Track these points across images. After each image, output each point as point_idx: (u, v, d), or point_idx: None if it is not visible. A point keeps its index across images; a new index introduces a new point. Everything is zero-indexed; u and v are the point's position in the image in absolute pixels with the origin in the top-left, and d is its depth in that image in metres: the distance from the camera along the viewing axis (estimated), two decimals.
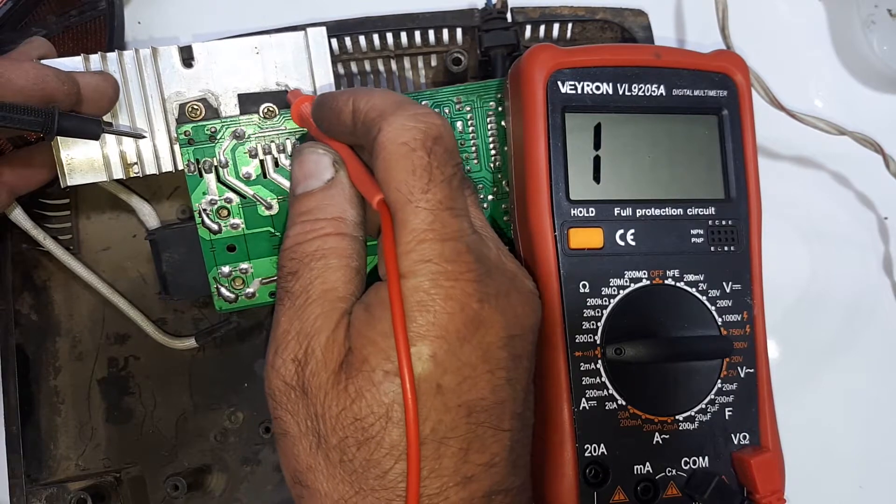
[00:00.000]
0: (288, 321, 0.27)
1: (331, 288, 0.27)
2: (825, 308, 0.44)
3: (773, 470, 0.32)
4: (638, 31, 0.40)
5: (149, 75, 0.33)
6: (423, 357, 0.25)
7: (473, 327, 0.26)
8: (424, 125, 0.27)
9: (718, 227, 0.34)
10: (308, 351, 0.27)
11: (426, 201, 0.26)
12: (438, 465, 0.25)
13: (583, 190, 0.33)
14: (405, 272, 0.26)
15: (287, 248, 0.28)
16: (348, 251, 0.28)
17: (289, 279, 0.28)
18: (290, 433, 0.27)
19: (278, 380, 0.27)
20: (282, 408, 0.27)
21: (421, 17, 0.39)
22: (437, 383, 0.25)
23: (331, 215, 0.28)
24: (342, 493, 0.26)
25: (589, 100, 0.33)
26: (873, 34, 0.43)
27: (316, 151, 0.29)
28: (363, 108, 0.28)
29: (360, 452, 0.25)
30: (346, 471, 0.26)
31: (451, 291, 0.26)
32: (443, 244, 0.26)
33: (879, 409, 0.43)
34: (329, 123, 0.30)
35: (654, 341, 0.32)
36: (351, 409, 0.25)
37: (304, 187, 0.29)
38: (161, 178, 0.36)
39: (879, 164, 0.40)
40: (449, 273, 0.26)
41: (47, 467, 0.39)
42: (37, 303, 0.39)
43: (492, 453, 0.27)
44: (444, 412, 0.26)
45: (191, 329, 0.39)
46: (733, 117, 0.34)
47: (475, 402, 0.26)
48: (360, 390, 0.25)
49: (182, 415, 0.39)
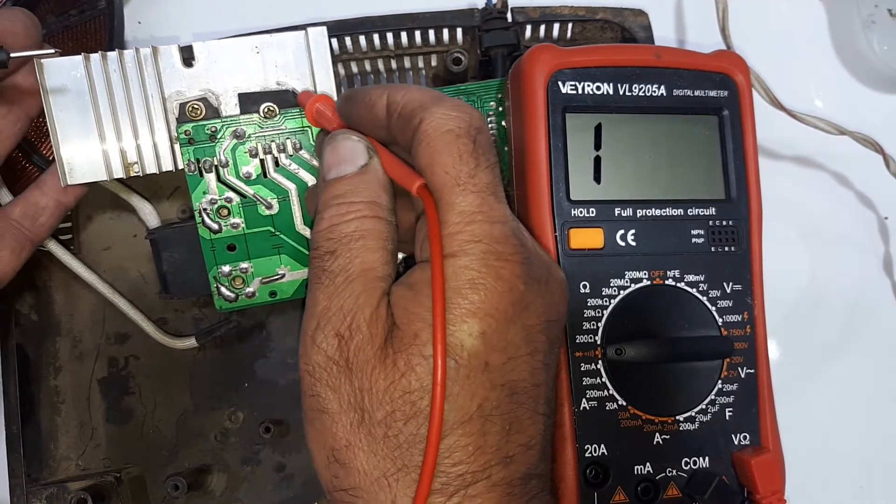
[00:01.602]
0: (327, 298, 0.27)
1: (370, 268, 0.28)
2: (825, 308, 0.44)
3: (774, 470, 0.32)
4: (638, 31, 0.40)
5: (149, 74, 0.33)
6: (473, 334, 0.26)
7: (520, 308, 0.26)
8: (468, 115, 0.27)
9: (719, 227, 0.34)
10: (353, 326, 0.27)
11: (473, 185, 0.27)
12: (484, 442, 0.26)
13: (583, 190, 0.33)
14: (455, 252, 0.26)
15: (323, 228, 0.29)
16: (385, 233, 0.28)
17: (326, 258, 0.28)
18: (329, 410, 0.27)
19: (319, 355, 0.27)
20: (322, 383, 0.27)
21: (421, 17, 0.39)
22: (486, 361, 0.26)
23: (367, 198, 0.29)
24: (383, 470, 0.26)
25: (589, 100, 0.33)
26: (873, 34, 0.43)
27: (350, 138, 0.30)
28: (400, 100, 0.28)
29: (406, 427, 0.26)
30: (389, 446, 0.26)
31: (500, 272, 0.26)
32: (491, 225, 0.26)
33: (879, 409, 0.43)
34: (360, 117, 0.30)
35: (655, 342, 0.32)
36: (400, 382, 0.26)
37: (338, 172, 0.29)
38: (161, 178, 0.36)
39: (879, 164, 0.40)
40: (499, 253, 0.26)
41: (47, 467, 0.39)
42: (37, 303, 0.39)
43: (529, 435, 0.27)
44: (490, 389, 0.26)
45: (191, 329, 0.39)
46: (734, 117, 0.34)
47: (517, 383, 0.27)
48: (411, 364, 0.26)
49: (182, 415, 0.39)
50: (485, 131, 0.28)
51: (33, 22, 0.33)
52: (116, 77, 0.33)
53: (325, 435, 0.27)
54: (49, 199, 0.35)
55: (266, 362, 0.40)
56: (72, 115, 0.33)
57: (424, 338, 0.26)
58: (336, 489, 0.27)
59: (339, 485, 0.27)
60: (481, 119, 0.28)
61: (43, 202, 0.35)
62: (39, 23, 0.33)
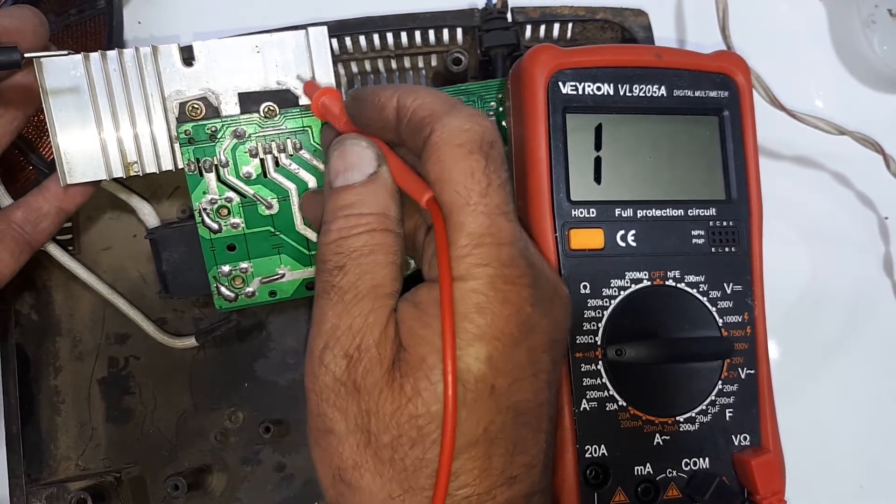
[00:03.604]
0: (336, 316, 0.27)
1: (380, 284, 0.27)
2: (825, 308, 0.44)
3: (774, 471, 0.32)
4: (638, 31, 0.40)
5: (149, 74, 0.33)
6: (480, 358, 0.25)
7: (526, 331, 0.26)
8: (481, 128, 0.27)
9: (719, 227, 0.34)
10: (362, 347, 0.26)
11: (485, 205, 0.26)
12: (489, 465, 0.26)
13: (584, 191, 0.33)
14: (463, 275, 0.26)
15: (331, 241, 0.28)
16: (394, 247, 0.28)
17: (335, 273, 0.27)
18: (336, 430, 0.26)
19: (327, 376, 0.27)
20: (328, 404, 0.27)
21: (421, 17, 0.39)
22: (492, 384, 0.26)
23: (376, 210, 0.28)
24: (390, 491, 0.26)
25: (590, 100, 0.33)
26: (873, 34, 0.43)
27: (359, 144, 0.29)
28: (411, 105, 0.28)
29: (413, 451, 0.25)
30: (395, 469, 0.26)
31: (508, 295, 0.26)
32: (500, 248, 0.26)
33: (879, 409, 0.43)
34: (368, 119, 0.29)
35: (655, 342, 0.32)
36: (407, 407, 0.25)
37: (345, 180, 0.28)
38: (161, 178, 0.36)
39: (879, 164, 0.40)
40: (507, 277, 0.26)
41: (47, 467, 0.39)
42: (37, 303, 0.39)
43: (532, 454, 0.27)
44: (496, 413, 0.26)
45: (191, 328, 0.39)
46: (734, 118, 0.34)
47: (521, 404, 0.26)
48: (418, 389, 0.25)
49: (182, 415, 0.39)
50: (498, 145, 0.27)
51: (41, 20, 0.33)
52: (116, 76, 0.33)
53: (331, 454, 0.27)
54: (51, 206, 0.35)
55: (266, 362, 0.40)
56: (71, 114, 0.33)
57: (431, 362, 0.25)
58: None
59: (344, 503, 0.27)
60: (494, 131, 0.27)
61: (45, 208, 0.35)
62: (46, 21, 0.33)
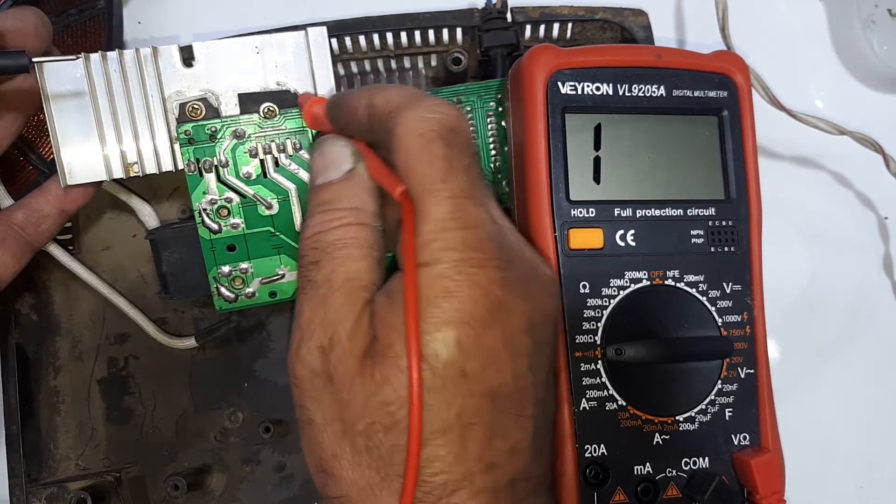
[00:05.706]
0: (311, 310, 0.27)
1: (353, 277, 0.27)
2: (825, 308, 0.44)
3: (774, 470, 0.32)
4: (638, 31, 0.40)
5: (149, 74, 0.33)
6: (448, 343, 0.25)
7: (497, 314, 0.26)
8: (441, 116, 0.27)
9: (718, 227, 0.34)
10: (333, 339, 0.27)
11: (447, 191, 0.26)
12: (464, 451, 0.26)
13: (583, 190, 0.33)
14: (429, 260, 0.26)
15: (308, 237, 0.29)
16: (369, 241, 0.28)
17: (311, 268, 0.28)
18: (315, 421, 0.27)
19: (304, 368, 0.27)
20: (306, 395, 0.27)
21: (421, 17, 0.39)
22: (463, 369, 0.26)
23: (351, 205, 0.28)
24: (368, 480, 0.26)
25: (589, 100, 0.33)
26: (873, 34, 0.43)
27: (336, 143, 0.30)
28: (378, 103, 0.28)
29: (387, 438, 0.26)
30: (372, 457, 0.26)
31: (475, 278, 0.26)
32: (465, 232, 0.26)
33: (879, 409, 0.43)
34: (345, 122, 0.30)
35: (655, 342, 0.32)
36: (378, 394, 0.26)
37: (324, 178, 0.29)
38: (161, 178, 0.35)
39: (879, 164, 0.40)
40: (473, 260, 0.26)
41: (47, 467, 0.39)
42: (37, 303, 0.39)
43: (515, 440, 0.27)
44: (469, 397, 0.26)
45: (191, 329, 0.39)
46: (733, 118, 0.34)
47: (498, 388, 0.26)
48: (387, 376, 0.26)
49: (182, 415, 0.39)
50: (460, 131, 0.27)
51: (44, 22, 0.33)
52: (116, 77, 0.33)
53: (313, 445, 0.27)
54: (52, 207, 0.35)
55: (266, 362, 0.40)
56: (71, 115, 0.33)
57: (399, 349, 0.26)
58: (327, 497, 0.27)
59: (328, 493, 0.27)
60: (458, 118, 0.27)
61: (46, 209, 0.35)
62: (49, 22, 0.33)
